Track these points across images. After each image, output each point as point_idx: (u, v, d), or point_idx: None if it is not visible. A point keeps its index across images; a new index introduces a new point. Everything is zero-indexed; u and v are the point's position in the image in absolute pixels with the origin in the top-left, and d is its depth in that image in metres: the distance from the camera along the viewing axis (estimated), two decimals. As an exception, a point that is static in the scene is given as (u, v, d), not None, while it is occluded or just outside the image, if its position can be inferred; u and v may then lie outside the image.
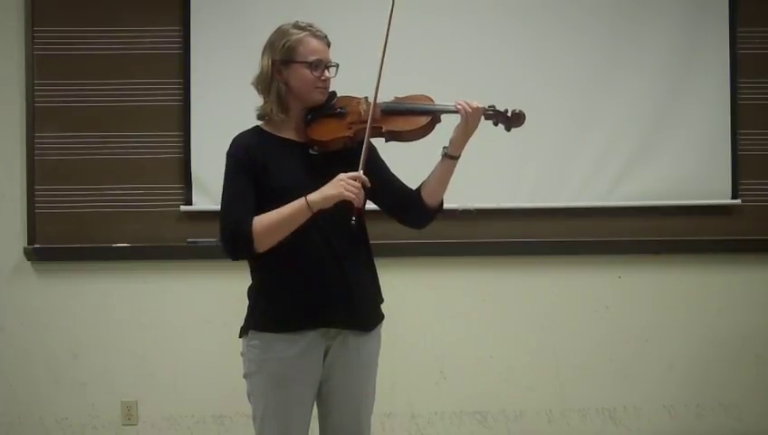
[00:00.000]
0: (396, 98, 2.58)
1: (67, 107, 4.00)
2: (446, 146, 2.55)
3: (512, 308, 4.12)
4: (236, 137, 2.59)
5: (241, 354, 2.60)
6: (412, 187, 2.64)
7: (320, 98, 2.55)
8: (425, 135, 2.55)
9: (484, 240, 4.04)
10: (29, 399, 4.04)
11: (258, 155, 2.51)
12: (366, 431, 2.66)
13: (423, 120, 2.53)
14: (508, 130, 2.56)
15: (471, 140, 2.54)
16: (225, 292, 3.30)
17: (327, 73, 2.55)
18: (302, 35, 2.53)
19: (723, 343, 4.15)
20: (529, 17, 4.04)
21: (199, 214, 3.96)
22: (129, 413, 4.04)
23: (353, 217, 2.43)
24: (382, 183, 2.60)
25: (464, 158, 2.58)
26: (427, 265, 4.04)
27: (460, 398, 4.10)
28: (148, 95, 4.01)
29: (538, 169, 4.05)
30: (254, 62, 2.59)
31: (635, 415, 4.14)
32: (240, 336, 2.60)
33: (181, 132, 4.00)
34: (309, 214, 2.44)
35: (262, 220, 2.46)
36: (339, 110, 2.56)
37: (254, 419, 2.58)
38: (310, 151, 2.55)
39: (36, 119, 3.99)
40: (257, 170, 2.50)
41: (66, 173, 3.99)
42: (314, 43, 2.54)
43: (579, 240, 4.07)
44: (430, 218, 2.66)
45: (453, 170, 2.57)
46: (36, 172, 3.99)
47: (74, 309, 4.03)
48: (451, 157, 2.55)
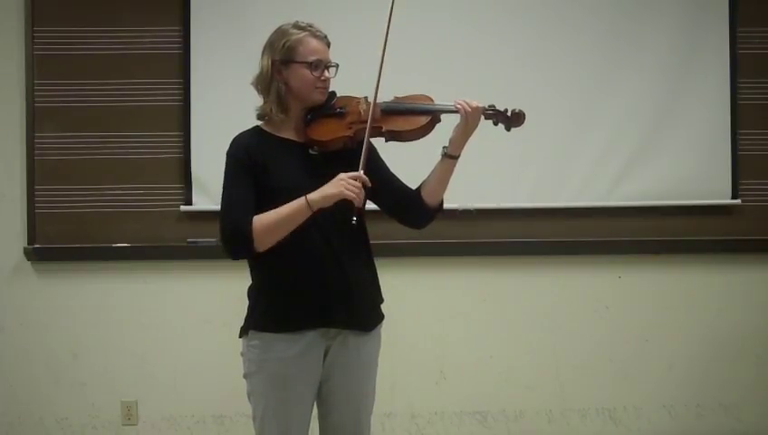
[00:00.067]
0: (396, 98, 2.58)
1: (67, 107, 4.00)
2: (446, 146, 2.55)
3: (512, 308, 4.12)
4: (236, 137, 2.59)
5: (241, 354, 2.60)
6: (412, 186, 2.64)
7: (319, 98, 2.55)
8: (425, 135, 2.55)
9: (484, 240, 4.04)
10: (29, 399, 4.04)
11: (258, 155, 2.51)
12: (366, 431, 2.66)
13: (423, 120, 2.53)
14: (508, 129, 2.56)
15: (471, 139, 2.54)
16: (225, 292, 3.30)
17: (327, 74, 2.55)
18: (302, 35, 2.53)
19: (723, 343, 4.15)
20: (529, 17, 4.04)
21: (199, 214, 3.96)
22: (129, 413, 4.04)
23: (354, 217, 2.43)
24: (382, 183, 2.60)
25: (464, 157, 2.58)
26: (427, 265, 4.04)
27: (460, 398, 4.10)
28: (148, 95, 4.01)
29: (538, 168, 4.05)
30: (254, 62, 2.59)
31: (635, 415, 4.14)
32: (240, 336, 2.60)
33: (181, 132, 4.00)
34: (309, 213, 2.44)
35: (262, 219, 2.46)
36: (338, 110, 2.56)
37: (254, 419, 2.58)
38: (310, 151, 2.55)
39: (36, 119, 3.99)
40: (257, 170, 2.50)
41: (66, 173, 3.99)
42: (314, 43, 2.54)
43: (579, 240, 4.07)
44: (430, 218, 2.66)
45: (453, 170, 2.57)
46: (36, 172, 3.99)
47: (74, 309, 4.03)
48: (451, 156, 2.55)
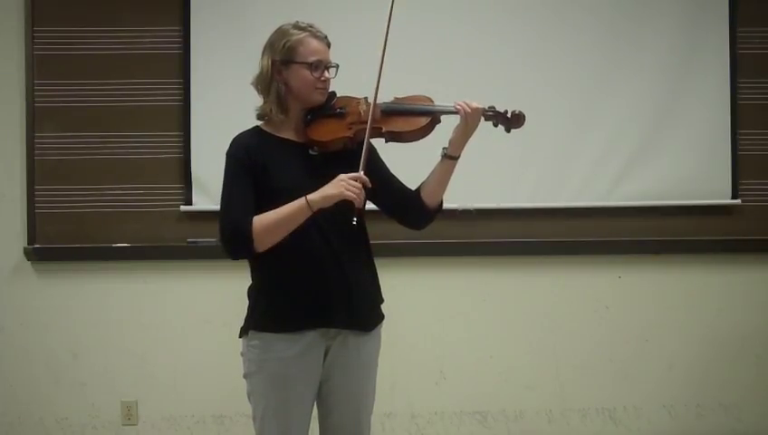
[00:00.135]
0: (395, 98, 2.58)
1: (67, 107, 3.99)
2: (446, 147, 2.55)
3: (512, 308, 4.12)
4: (236, 137, 2.59)
5: (241, 354, 2.60)
6: (412, 187, 2.64)
7: (319, 99, 2.55)
8: (424, 136, 2.55)
9: (484, 240, 4.04)
10: (29, 399, 4.04)
11: (258, 155, 2.51)
12: (366, 431, 2.66)
13: (423, 121, 2.53)
14: (508, 131, 2.56)
15: (471, 139, 2.54)
16: (225, 292, 3.30)
17: (327, 74, 2.55)
18: (302, 36, 2.53)
19: (723, 343, 4.15)
20: (529, 17, 4.04)
21: (199, 214, 3.96)
22: (129, 413, 4.04)
23: (354, 218, 2.43)
24: (382, 183, 2.60)
25: (464, 157, 2.57)
26: (426, 265, 4.04)
27: (460, 398, 4.10)
28: (148, 95, 4.01)
29: (538, 168, 4.05)
30: (254, 62, 2.59)
31: (635, 415, 4.14)
32: (240, 336, 2.60)
33: (181, 132, 4.00)
34: (309, 213, 2.44)
35: (261, 220, 2.46)
36: (338, 110, 2.56)
37: (254, 419, 2.58)
38: (309, 152, 2.54)
39: (36, 119, 3.99)
40: (257, 171, 2.50)
41: (66, 173, 3.99)
42: (314, 43, 2.53)
43: (579, 240, 4.07)
44: (430, 219, 2.66)
45: (452, 171, 2.57)
46: (36, 172, 3.99)
47: (74, 309, 4.03)
48: (451, 157, 2.55)
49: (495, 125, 2.56)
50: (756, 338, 4.17)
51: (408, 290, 3.93)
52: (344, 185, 2.42)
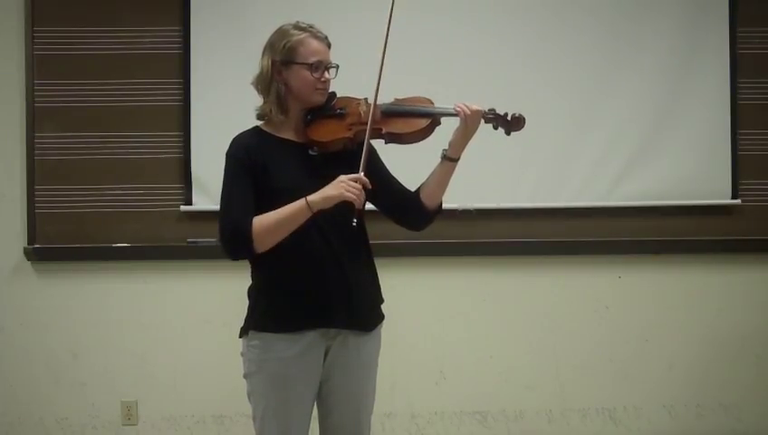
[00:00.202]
0: (396, 99, 2.58)
1: (67, 107, 3.99)
2: (446, 148, 2.55)
3: (512, 308, 4.12)
4: (236, 137, 2.59)
5: (241, 354, 2.60)
6: (411, 188, 2.64)
7: (319, 99, 2.55)
8: (424, 137, 2.54)
9: (484, 240, 4.04)
10: (29, 399, 4.04)
11: (258, 155, 2.51)
12: (366, 431, 2.66)
13: (423, 123, 2.53)
14: (508, 133, 2.55)
15: (471, 140, 2.54)
16: (225, 292, 3.30)
17: (327, 75, 2.54)
18: (302, 36, 2.53)
19: (723, 343, 4.15)
20: (529, 17, 4.04)
21: (199, 214, 3.96)
22: (129, 413, 4.04)
23: (354, 219, 2.43)
24: (382, 184, 2.59)
25: (464, 158, 2.57)
26: (426, 265, 4.04)
27: (460, 398, 4.10)
28: (148, 95, 4.01)
29: (538, 169, 4.05)
30: (254, 62, 2.59)
31: (635, 415, 4.14)
32: (240, 336, 2.60)
33: (181, 132, 4.00)
34: (309, 214, 2.44)
35: (261, 220, 2.46)
36: (339, 111, 2.56)
37: (255, 419, 2.58)
38: (309, 152, 2.54)
39: (36, 119, 3.99)
40: (257, 171, 2.50)
41: (66, 173, 3.99)
42: (315, 44, 2.53)
43: (579, 240, 4.07)
44: (429, 220, 2.66)
45: (452, 173, 2.57)
46: (36, 172, 3.99)
47: (74, 309, 4.03)
48: (450, 159, 2.55)
49: (495, 127, 2.56)
50: (756, 338, 4.17)
51: (408, 290, 3.93)
52: (344, 186, 2.42)
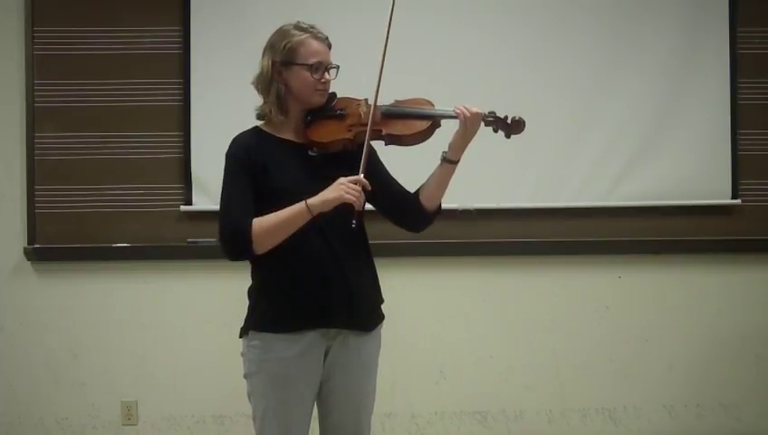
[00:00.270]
0: (396, 101, 2.58)
1: (67, 107, 3.99)
2: (446, 150, 2.55)
3: (512, 308, 4.12)
4: (236, 137, 2.59)
5: (241, 354, 2.60)
6: (411, 190, 2.64)
7: (319, 100, 2.55)
8: (424, 140, 2.54)
9: (484, 240, 4.04)
10: (29, 399, 4.04)
11: (258, 155, 2.51)
12: (366, 431, 2.66)
13: (423, 125, 2.53)
14: (508, 136, 2.55)
15: (471, 141, 2.54)
16: (225, 292, 3.30)
17: (327, 76, 2.54)
18: (303, 37, 2.52)
19: (723, 343, 4.15)
20: (529, 17, 4.04)
21: (199, 214, 3.96)
22: (129, 413, 4.04)
23: (354, 221, 2.43)
24: (381, 186, 2.59)
25: (464, 158, 2.57)
26: (426, 265, 4.04)
27: (460, 398, 4.10)
28: (148, 95, 4.01)
29: (538, 169, 4.04)
30: (254, 62, 2.59)
31: (635, 415, 4.14)
32: (240, 336, 2.60)
33: (181, 132, 4.00)
34: (309, 217, 2.44)
35: (261, 222, 2.46)
36: (339, 111, 2.56)
37: (255, 419, 2.58)
38: (309, 153, 2.54)
39: (36, 119, 3.99)
40: (257, 171, 2.50)
41: (66, 173, 3.99)
42: (315, 45, 2.53)
43: (579, 240, 4.07)
44: (428, 222, 2.66)
45: (452, 175, 2.57)
46: (36, 172, 3.99)
47: (74, 309, 4.03)
48: (450, 161, 2.55)
49: (495, 130, 2.55)
50: (756, 338, 4.17)
51: (408, 290, 3.93)
52: (344, 188, 2.42)
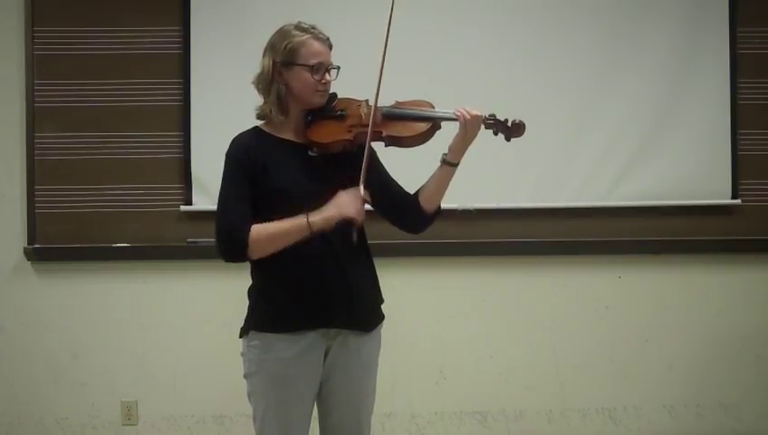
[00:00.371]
0: (396, 102, 2.58)
1: (67, 107, 3.99)
2: (446, 153, 2.55)
3: (512, 308, 4.12)
4: (236, 137, 2.59)
5: (241, 355, 2.60)
6: (411, 192, 2.64)
7: (320, 101, 2.55)
8: (424, 141, 2.54)
9: (484, 240, 4.04)
10: (29, 399, 4.04)
11: (258, 155, 2.51)
12: (366, 431, 2.66)
13: (423, 127, 2.53)
14: (508, 139, 2.56)
15: (471, 145, 2.54)
16: (225, 292, 3.30)
17: (328, 76, 2.54)
18: (304, 38, 2.52)
19: (723, 343, 4.15)
20: (529, 17, 4.04)
21: (199, 214, 3.95)
22: (129, 413, 4.04)
23: (355, 235, 2.44)
24: (381, 187, 2.60)
25: (464, 158, 2.57)
26: (426, 265, 4.04)
27: (460, 398, 4.10)
28: (148, 95, 4.01)
29: (538, 169, 4.04)
30: (254, 62, 2.59)
31: (635, 415, 4.15)
32: (240, 336, 2.60)
33: (181, 132, 4.00)
34: (307, 233, 2.44)
35: (261, 230, 2.45)
36: (339, 112, 2.56)
37: (255, 419, 2.58)
38: (309, 153, 2.54)
39: (36, 119, 3.99)
40: (257, 171, 2.50)
41: (66, 173, 3.99)
42: (316, 45, 2.52)
43: (579, 240, 4.07)
44: (427, 223, 2.66)
45: (451, 177, 2.57)
46: (36, 172, 3.99)
47: (74, 309, 4.03)
48: (450, 164, 2.55)
49: (496, 133, 2.56)
50: (756, 338, 4.17)
51: (408, 290, 3.93)
52: (345, 204, 2.42)
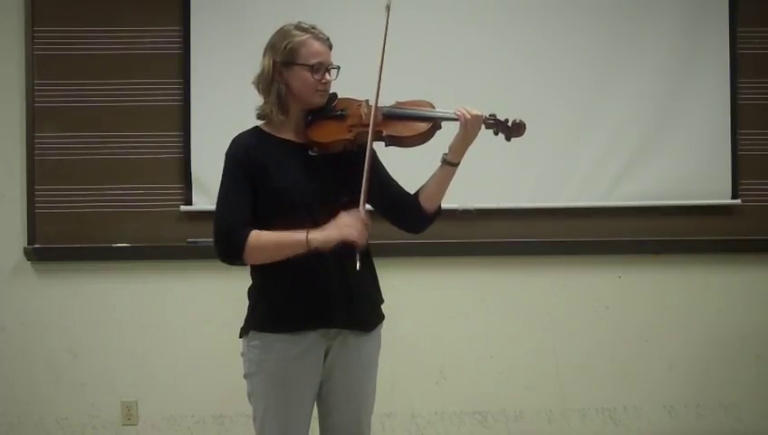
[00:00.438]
0: (397, 102, 2.58)
1: (67, 107, 4.00)
2: (446, 153, 2.55)
3: (512, 308, 4.12)
4: (236, 137, 2.58)
5: (241, 355, 2.60)
6: (411, 192, 2.64)
7: (320, 101, 2.54)
8: (425, 141, 2.54)
9: (484, 240, 4.04)
10: (29, 399, 4.04)
11: (258, 155, 2.51)
12: (366, 431, 2.66)
13: (423, 127, 2.53)
14: (508, 139, 2.56)
15: (471, 145, 2.54)
16: (225, 292, 3.29)
17: (328, 76, 2.54)
18: (304, 38, 2.52)
19: (723, 343, 4.16)
20: (529, 18, 4.04)
21: (199, 214, 3.95)
22: (129, 413, 4.04)
23: (357, 256, 2.43)
24: (381, 187, 2.59)
25: (464, 157, 2.57)
26: (426, 265, 4.04)
27: (460, 398, 4.10)
28: (148, 95, 4.01)
29: (538, 169, 4.04)
30: (254, 62, 2.59)
31: (635, 415, 4.15)
32: (240, 336, 2.60)
33: (181, 132, 4.00)
34: (305, 250, 2.42)
35: (260, 238, 2.45)
36: (339, 112, 2.55)
37: (255, 419, 2.58)
38: (309, 153, 2.54)
39: (36, 119, 3.99)
40: (257, 171, 2.50)
41: (66, 173, 3.99)
42: (316, 45, 2.52)
43: (579, 240, 4.07)
44: (428, 223, 2.66)
45: (452, 177, 2.57)
46: (36, 172, 3.99)
47: (74, 309, 4.03)
48: (450, 164, 2.55)
49: (496, 133, 2.56)
50: (756, 338, 4.17)
51: (408, 290, 3.93)
52: (346, 226, 2.41)
